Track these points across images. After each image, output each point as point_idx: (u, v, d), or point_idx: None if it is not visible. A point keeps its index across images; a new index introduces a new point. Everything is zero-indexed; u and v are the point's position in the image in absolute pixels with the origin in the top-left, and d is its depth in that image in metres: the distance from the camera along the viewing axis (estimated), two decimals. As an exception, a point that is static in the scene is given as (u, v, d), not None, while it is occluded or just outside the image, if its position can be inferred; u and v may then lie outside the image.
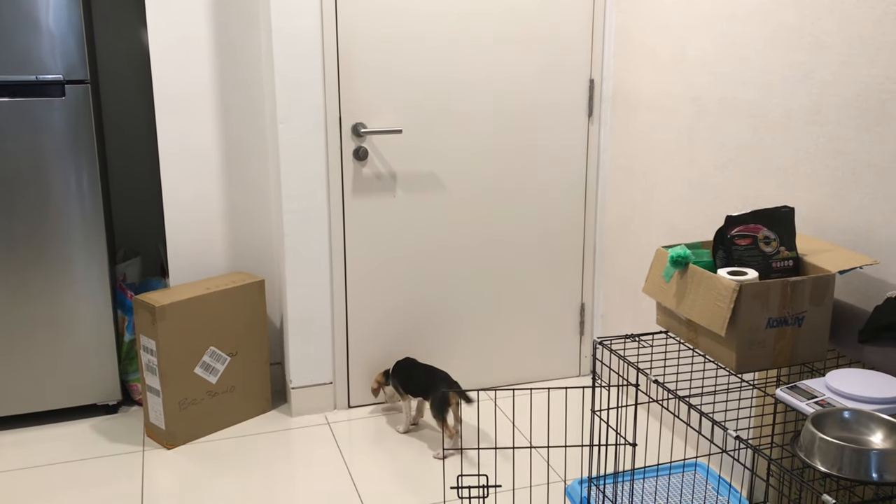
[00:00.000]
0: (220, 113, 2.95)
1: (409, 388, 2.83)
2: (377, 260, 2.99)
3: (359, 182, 2.90)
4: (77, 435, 2.90)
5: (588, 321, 3.32)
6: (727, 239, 1.93)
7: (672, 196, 2.78)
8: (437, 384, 2.72)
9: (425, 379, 2.79)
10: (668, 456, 2.72)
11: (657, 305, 2.09)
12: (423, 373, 2.83)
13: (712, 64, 2.52)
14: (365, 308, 3.02)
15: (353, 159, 2.87)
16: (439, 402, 2.66)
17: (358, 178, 2.90)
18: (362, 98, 2.84)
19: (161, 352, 2.73)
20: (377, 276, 3.00)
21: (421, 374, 2.83)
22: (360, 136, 2.86)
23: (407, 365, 2.90)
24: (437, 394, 2.68)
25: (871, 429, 1.59)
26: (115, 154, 3.52)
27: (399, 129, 2.87)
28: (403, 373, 2.87)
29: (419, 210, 3.00)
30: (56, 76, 2.70)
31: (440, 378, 2.76)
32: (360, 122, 2.85)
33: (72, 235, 2.82)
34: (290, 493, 2.55)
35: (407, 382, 2.83)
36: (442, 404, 2.66)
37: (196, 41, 2.86)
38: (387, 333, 3.07)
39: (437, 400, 2.67)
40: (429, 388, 2.75)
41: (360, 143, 2.87)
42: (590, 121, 3.12)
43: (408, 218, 2.99)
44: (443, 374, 2.79)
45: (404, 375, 2.86)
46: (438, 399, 2.66)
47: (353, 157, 2.86)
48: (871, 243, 2.01)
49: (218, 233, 3.04)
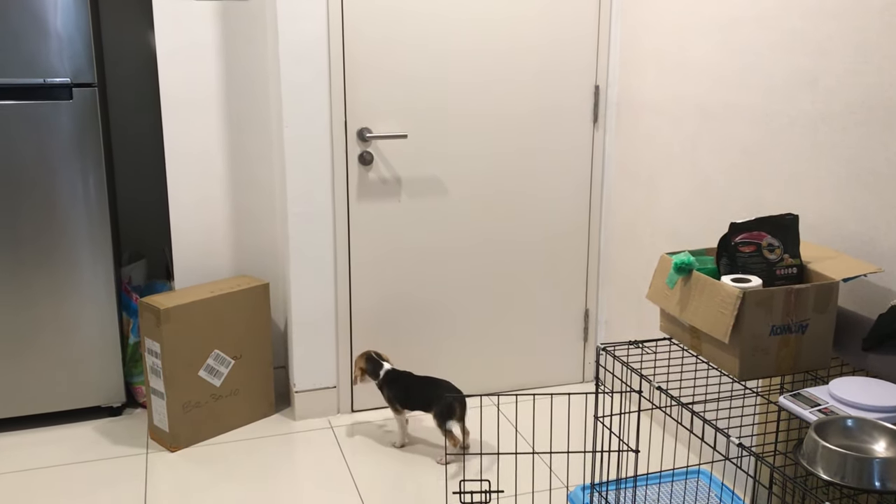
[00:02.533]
0: (226, 116, 2.96)
1: (409, 401, 2.77)
2: (381, 264, 2.99)
3: (363, 186, 2.91)
4: (81, 437, 2.90)
5: (592, 327, 3.32)
6: (731, 246, 1.93)
7: (676, 202, 2.78)
8: (440, 394, 2.68)
9: (427, 390, 2.73)
10: (670, 463, 2.71)
11: (661, 312, 2.08)
12: (424, 384, 2.77)
13: (717, 70, 2.52)
14: (369, 312, 3.02)
15: (357, 164, 2.88)
16: (444, 412, 2.65)
17: (363, 183, 2.90)
18: (367, 102, 2.84)
19: (165, 354, 2.74)
20: (381, 280, 3.01)
21: (422, 386, 2.76)
22: (365, 140, 2.86)
23: (403, 378, 2.80)
24: (441, 403, 2.65)
25: (874, 437, 1.59)
26: (121, 157, 3.53)
27: (404, 133, 2.88)
28: (399, 386, 2.78)
29: (423, 215, 3.00)
30: (63, 79, 2.71)
31: (444, 387, 2.72)
32: (366, 126, 2.86)
33: (78, 238, 2.83)
34: (292, 497, 2.55)
35: (405, 396, 2.77)
36: (447, 414, 2.65)
37: (203, 45, 2.88)
38: (391, 337, 3.07)
39: (442, 410, 2.65)
40: (432, 398, 2.70)
41: (366, 148, 2.88)
42: (595, 126, 3.12)
43: (412, 222, 3.00)
44: (445, 383, 2.75)
45: (401, 389, 2.78)
46: (443, 408, 2.65)
47: (359, 161, 2.87)
48: (876, 251, 2.01)
49: (223, 236, 3.05)
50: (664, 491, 2.54)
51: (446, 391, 2.69)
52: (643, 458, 2.73)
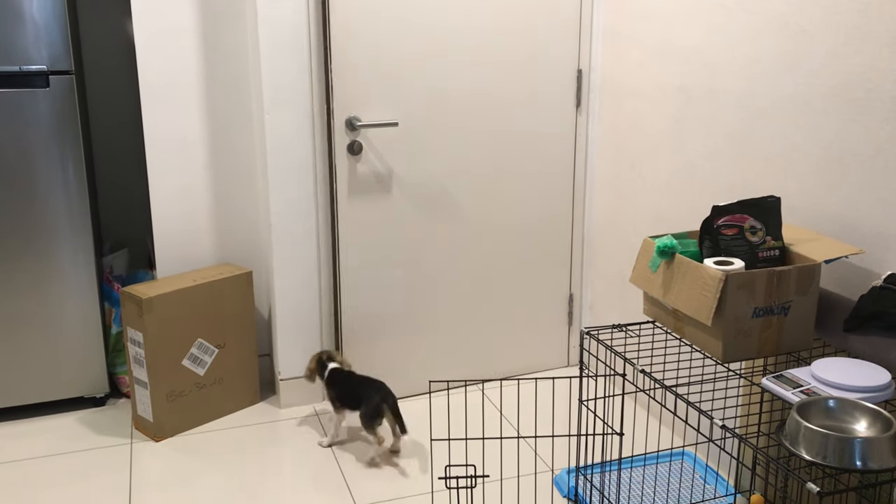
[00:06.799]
0: (207, 103, 2.93)
1: (345, 401, 2.71)
2: (366, 251, 2.98)
3: (349, 174, 2.89)
4: (64, 428, 2.88)
5: (576, 311, 3.33)
6: (713, 229, 1.94)
7: (659, 186, 2.78)
8: (370, 395, 2.62)
9: (359, 390, 2.67)
10: (655, 445, 2.73)
11: (644, 295, 2.09)
12: (358, 384, 2.71)
13: (699, 54, 2.52)
14: (354, 298, 3.01)
15: (346, 153, 2.85)
16: (369, 413, 2.59)
17: (350, 170, 2.88)
18: (351, 90, 2.82)
19: (148, 344, 2.72)
20: (366, 267, 3.00)
21: (355, 386, 2.71)
22: (354, 129, 2.83)
23: (344, 378, 2.75)
24: (367, 405, 2.60)
25: (856, 417, 1.60)
26: (100, 145, 3.50)
27: (395, 121, 2.83)
28: (338, 386, 2.74)
29: (407, 202, 2.99)
30: (40, 67, 2.67)
31: (374, 388, 2.64)
32: (354, 115, 2.82)
33: (58, 228, 2.80)
34: (278, 484, 2.55)
35: (342, 395, 2.72)
36: (372, 415, 2.59)
37: (182, 30, 2.84)
38: (376, 324, 3.07)
39: (368, 411, 2.60)
40: (362, 399, 2.64)
41: (355, 137, 2.85)
42: (577, 111, 3.12)
43: (396, 209, 2.99)
44: (378, 384, 2.67)
45: (339, 388, 2.73)
46: (369, 410, 2.59)
47: (348, 151, 2.83)
48: (857, 232, 2.02)
49: (205, 224, 3.03)
50: (649, 473, 2.56)
51: (375, 392, 2.63)
52: (627, 441, 2.75)
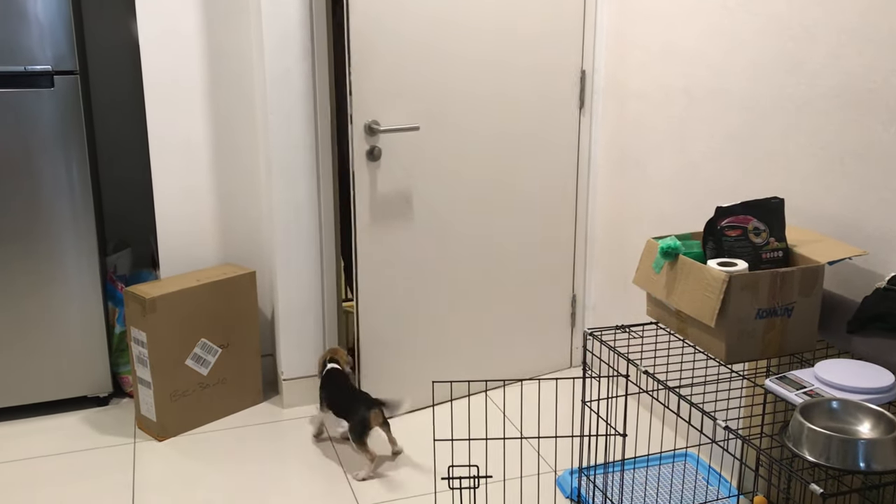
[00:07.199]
0: (211, 103, 2.94)
1: (332, 405, 2.69)
2: (370, 251, 2.98)
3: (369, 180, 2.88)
4: (68, 427, 2.89)
5: (580, 313, 3.33)
6: (717, 230, 1.94)
7: (662, 187, 2.78)
8: (356, 408, 2.58)
9: (347, 401, 2.64)
10: (658, 446, 2.73)
11: (647, 296, 2.09)
12: (348, 394, 2.68)
13: (703, 55, 2.52)
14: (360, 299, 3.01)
15: (365, 159, 2.84)
16: (357, 428, 2.56)
17: (371, 177, 2.88)
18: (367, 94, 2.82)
19: (152, 344, 2.72)
20: (380, 270, 2.99)
21: (345, 395, 2.68)
22: (374, 134, 2.79)
23: (338, 383, 2.73)
24: (354, 419, 2.56)
25: (859, 419, 1.60)
26: (105, 145, 3.50)
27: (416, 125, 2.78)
28: (330, 388, 2.73)
29: (412, 202, 2.99)
30: (45, 67, 2.68)
31: (361, 402, 2.60)
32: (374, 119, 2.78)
33: (62, 227, 2.81)
34: (281, 484, 2.55)
35: (331, 399, 2.70)
36: (359, 430, 2.56)
37: (186, 31, 2.85)
38: (379, 324, 3.07)
39: (355, 425, 2.56)
40: (349, 411, 2.61)
41: (374, 143, 2.84)
42: (581, 112, 3.12)
43: (400, 210, 2.99)
44: (365, 397, 2.64)
45: (330, 391, 2.72)
46: (356, 424, 2.55)
47: (367, 157, 2.78)
48: (860, 233, 2.02)
49: (209, 224, 3.04)
50: (651, 474, 2.56)
51: (361, 404, 2.59)
52: (630, 442, 2.74)
